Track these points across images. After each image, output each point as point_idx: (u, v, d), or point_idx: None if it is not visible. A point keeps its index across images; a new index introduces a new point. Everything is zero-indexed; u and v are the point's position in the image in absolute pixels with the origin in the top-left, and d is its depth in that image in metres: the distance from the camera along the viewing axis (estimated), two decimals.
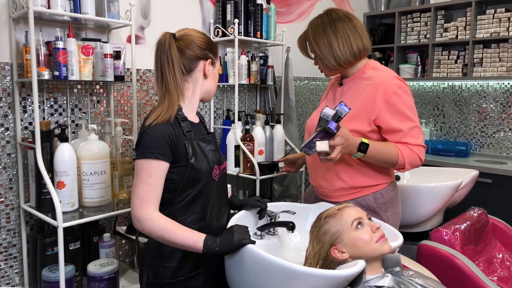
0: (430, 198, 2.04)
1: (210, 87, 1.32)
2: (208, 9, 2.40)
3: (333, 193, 1.61)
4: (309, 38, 1.54)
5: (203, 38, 1.27)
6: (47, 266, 1.62)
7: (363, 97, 1.48)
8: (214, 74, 1.32)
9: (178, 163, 1.19)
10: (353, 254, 1.22)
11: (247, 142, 2.28)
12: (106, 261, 1.70)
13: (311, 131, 1.54)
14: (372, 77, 1.51)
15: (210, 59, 1.28)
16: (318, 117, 1.38)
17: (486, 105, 3.17)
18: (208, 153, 1.26)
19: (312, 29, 1.53)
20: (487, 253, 1.97)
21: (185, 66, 1.24)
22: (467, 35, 3.00)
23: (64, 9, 1.59)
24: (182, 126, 1.22)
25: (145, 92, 2.15)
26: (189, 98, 1.28)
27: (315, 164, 1.63)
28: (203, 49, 1.25)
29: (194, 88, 1.28)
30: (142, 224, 1.15)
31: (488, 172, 2.69)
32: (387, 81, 1.47)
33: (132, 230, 1.90)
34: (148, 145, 1.15)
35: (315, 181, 1.67)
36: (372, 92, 1.47)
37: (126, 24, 1.79)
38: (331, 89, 1.69)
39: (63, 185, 1.57)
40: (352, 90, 1.55)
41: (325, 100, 1.70)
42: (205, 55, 1.26)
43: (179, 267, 1.23)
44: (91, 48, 1.70)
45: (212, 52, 1.28)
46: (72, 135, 1.88)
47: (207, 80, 1.30)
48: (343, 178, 1.56)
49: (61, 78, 1.60)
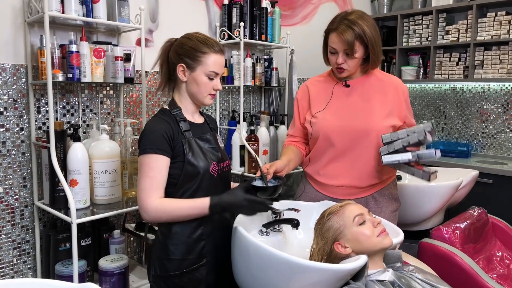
0: (431, 197, 2.07)
1: (192, 91, 1.34)
2: (215, 13, 2.45)
3: (359, 189, 1.67)
4: (367, 33, 1.53)
5: (183, 43, 1.32)
6: (60, 261, 1.68)
7: (390, 96, 1.65)
8: (194, 78, 1.32)
9: (176, 159, 1.28)
10: (355, 249, 1.26)
11: (252, 142, 2.33)
12: (116, 256, 1.76)
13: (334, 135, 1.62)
14: (387, 79, 1.68)
15: (184, 64, 1.31)
16: (332, 120, 1.62)
17: (487, 107, 3.20)
18: (206, 151, 1.34)
19: (368, 25, 1.55)
20: (487, 251, 2.00)
21: (169, 69, 1.36)
22: (468, 37, 3.04)
23: (78, 13, 1.65)
24: (180, 126, 1.31)
25: (152, 94, 2.21)
26: (180, 101, 1.37)
27: (351, 165, 1.65)
28: (178, 54, 1.31)
29: (179, 92, 1.37)
30: (149, 213, 1.23)
31: (488, 173, 2.72)
32: (402, 84, 1.70)
33: (141, 227, 1.95)
34: (148, 142, 1.25)
35: (342, 181, 1.68)
36: (395, 92, 1.65)
37: (136, 27, 1.85)
38: (335, 91, 1.69)
39: (76, 183, 1.62)
40: (368, 89, 1.65)
41: (335, 101, 1.68)
42: (178, 59, 1.31)
43: (183, 259, 1.31)
44: (102, 51, 1.75)
45: (190, 57, 1.30)
46: (83, 135, 1.93)
47: (187, 84, 1.34)
48: (377, 172, 1.66)
49: (74, 80, 1.66)
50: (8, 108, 1.71)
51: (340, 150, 1.64)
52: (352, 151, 1.64)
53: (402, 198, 2.08)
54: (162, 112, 1.36)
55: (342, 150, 1.64)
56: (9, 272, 1.76)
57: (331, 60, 1.63)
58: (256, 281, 1.27)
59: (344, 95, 1.67)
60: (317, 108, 1.69)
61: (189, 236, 1.32)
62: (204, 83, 1.33)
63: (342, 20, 1.56)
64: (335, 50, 1.57)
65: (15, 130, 1.74)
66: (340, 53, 1.57)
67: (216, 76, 1.34)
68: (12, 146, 1.73)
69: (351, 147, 1.63)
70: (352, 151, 1.64)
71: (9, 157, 1.72)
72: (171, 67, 1.35)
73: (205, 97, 1.35)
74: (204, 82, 1.32)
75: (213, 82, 1.34)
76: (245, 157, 2.34)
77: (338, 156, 1.66)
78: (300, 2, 3.01)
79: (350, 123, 1.62)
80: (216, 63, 1.32)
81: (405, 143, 1.48)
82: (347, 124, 1.62)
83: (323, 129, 1.64)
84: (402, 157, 1.48)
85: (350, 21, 1.54)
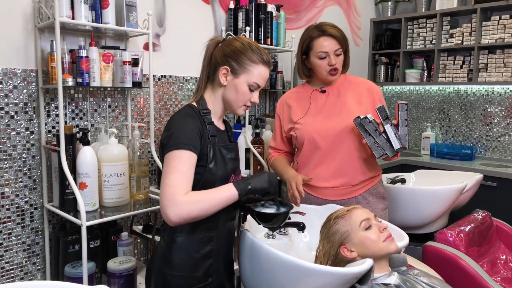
0: (435, 200, 2.08)
1: (228, 97, 1.27)
2: (220, 17, 2.48)
3: (350, 189, 1.74)
4: (346, 39, 1.73)
5: (233, 45, 1.25)
6: (69, 263, 1.70)
7: (364, 96, 1.75)
8: (235, 84, 1.25)
9: (199, 162, 1.20)
10: (361, 253, 1.29)
11: (257, 145, 2.35)
12: (124, 258, 1.79)
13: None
14: (359, 81, 1.82)
15: (229, 67, 1.24)
16: (314, 124, 1.73)
17: (491, 110, 3.21)
18: (228, 161, 1.28)
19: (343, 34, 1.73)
20: (491, 255, 2.00)
21: (211, 69, 1.29)
22: (473, 41, 3.05)
23: (88, 19, 1.67)
24: (208, 130, 1.24)
25: (160, 97, 2.23)
26: (212, 103, 1.29)
27: (338, 165, 1.72)
28: (226, 55, 1.24)
29: (214, 94, 1.29)
30: (178, 210, 1.08)
31: (492, 176, 2.74)
32: (374, 84, 1.82)
33: (148, 229, 1.98)
34: (182, 137, 1.16)
35: (333, 183, 1.73)
36: (368, 92, 1.76)
37: (143, 32, 1.87)
38: (312, 97, 1.79)
39: (85, 186, 1.65)
40: (343, 92, 1.77)
41: (314, 106, 1.77)
42: (224, 61, 1.24)
43: (189, 277, 1.22)
44: (111, 56, 1.78)
45: (237, 62, 1.23)
46: (91, 139, 1.96)
47: (225, 89, 1.27)
48: (365, 166, 1.74)
49: (83, 85, 1.68)
50: (18, 112, 1.74)
51: (325, 151, 1.72)
52: (337, 150, 1.72)
53: (406, 201, 2.10)
54: (190, 108, 1.27)
55: (327, 151, 1.72)
56: (18, 273, 1.79)
57: (321, 66, 1.72)
58: (264, 284, 1.29)
59: (322, 100, 1.78)
60: (298, 116, 1.79)
61: (197, 252, 1.24)
62: (243, 93, 1.25)
63: (324, 26, 1.70)
64: (326, 53, 1.69)
65: (25, 133, 1.76)
66: (331, 55, 1.69)
67: (257, 88, 1.28)
68: (22, 149, 1.76)
69: (335, 146, 1.71)
70: (337, 151, 1.72)
71: (19, 160, 1.75)
72: (212, 67, 1.28)
73: (240, 107, 1.28)
74: (243, 92, 1.25)
75: (252, 93, 1.27)
76: (250, 160, 2.37)
77: (324, 157, 1.73)
78: (304, 6, 3.03)
79: (331, 123, 1.72)
80: (261, 76, 1.26)
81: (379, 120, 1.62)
82: (329, 125, 1.71)
83: (307, 132, 1.74)
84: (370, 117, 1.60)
85: (331, 25, 1.71)
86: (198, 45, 2.40)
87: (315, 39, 1.70)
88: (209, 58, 1.29)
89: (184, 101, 2.34)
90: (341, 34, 1.70)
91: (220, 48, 1.27)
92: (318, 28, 1.71)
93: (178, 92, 2.31)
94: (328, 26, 1.69)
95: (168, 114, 2.27)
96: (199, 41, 2.37)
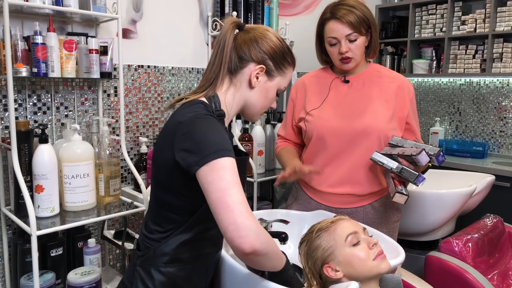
0: (439, 206, 1.91)
1: (254, 101, 1.07)
2: (206, 1, 2.28)
3: (358, 198, 1.53)
4: (367, 14, 1.46)
5: (273, 42, 1.06)
6: (26, 274, 1.54)
7: (394, 94, 1.51)
8: (267, 88, 1.07)
9: None
10: (347, 273, 1.10)
11: (246, 142, 2.17)
12: (88, 269, 1.62)
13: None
14: (390, 75, 1.56)
15: (265, 67, 1.05)
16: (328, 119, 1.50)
17: (505, 103, 3.01)
18: (243, 180, 1.02)
19: (366, 7, 1.48)
20: (502, 265, 1.84)
21: (233, 62, 1.04)
22: (486, 28, 2.85)
23: (44, 1, 1.49)
24: None
25: (137, 89, 2.05)
26: (229, 104, 1.06)
27: (348, 170, 1.51)
28: (264, 52, 1.04)
29: (234, 93, 1.06)
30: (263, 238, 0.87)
31: (506, 176, 2.53)
32: (408, 82, 1.55)
33: (119, 235, 1.80)
34: (224, 142, 0.93)
35: (339, 189, 1.53)
36: (401, 91, 1.52)
37: (112, 17, 1.69)
38: (332, 86, 1.56)
39: (42, 189, 1.48)
40: (369, 86, 1.53)
41: (332, 98, 1.54)
42: (261, 59, 1.04)
43: None
44: (74, 43, 1.60)
45: (275, 62, 1.06)
46: (58, 135, 1.79)
47: (252, 90, 1.06)
48: (378, 178, 1.53)
49: (40, 75, 1.50)
50: None
51: (334, 153, 1.50)
52: (350, 154, 1.49)
53: (409, 206, 1.91)
54: (204, 107, 1.00)
55: (336, 153, 1.50)
56: None
57: (332, 53, 1.50)
58: None
59: (343, 92, 1.54)
60: (312, 105, 1.55)
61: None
62: (271, 98, 1.10)
63: (338, 6, 1.45)
64: (336, 39, 1.46)
65: None
66: (342, 41, 1.45)
67: (279, 93, 1.14)
68: None
69: (348, 149, 1.49)
70: (350, 154, 1.49)
71: None
72: (237, 60, 1.04)
73: (260, 113, 1.12)
74: (272, 97, 1.10)
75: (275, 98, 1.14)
76: None
77: (332, 159, 1.51)
78: None
79: (348, 123, 1.48)
80: (289, 80, 1.12)
81: (401, 152, 1.36)
82: (345, 124, 1.48)
83: (318, 128, 1.51)
84: (388, 163, 1.37)
85: (348, 5, 1.44)
86: (181, 32, 2.24)
87: (326, 22, 1.47)
88: (232, 46, 1.04)
89: (164, 93, 2.15)
90: (357, 16, 1.42)
91: (250, 40, 1.04)
92: (332, 9, 1.46)
93: (158, 84, 2.12)
94: (341, 7, 1.44)
95: (146, 107, 2.08)
96: (182, 28, 2.19)
